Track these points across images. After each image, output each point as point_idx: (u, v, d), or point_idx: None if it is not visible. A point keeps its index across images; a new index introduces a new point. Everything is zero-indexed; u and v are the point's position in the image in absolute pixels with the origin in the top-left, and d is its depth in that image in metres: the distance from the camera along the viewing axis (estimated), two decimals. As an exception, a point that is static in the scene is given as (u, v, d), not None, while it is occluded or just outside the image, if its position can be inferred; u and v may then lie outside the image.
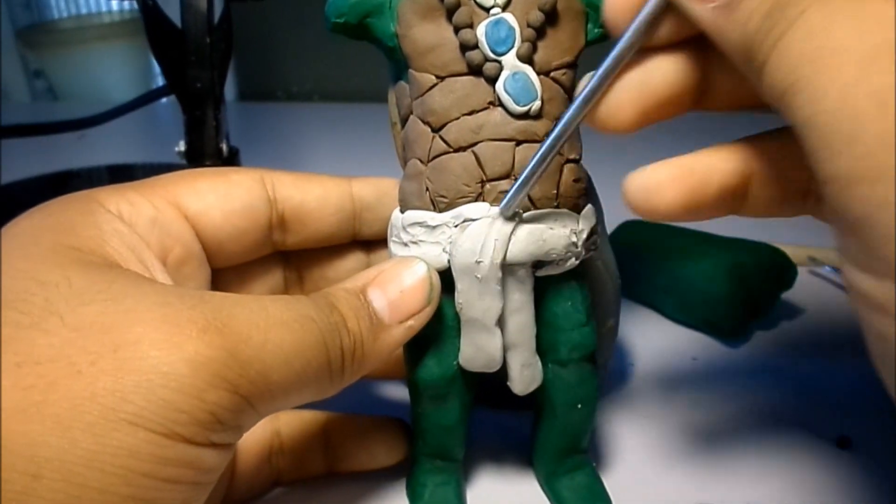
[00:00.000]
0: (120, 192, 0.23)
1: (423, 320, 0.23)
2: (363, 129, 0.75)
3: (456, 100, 0.23)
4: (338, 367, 0.21)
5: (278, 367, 0.19)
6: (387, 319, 0.23)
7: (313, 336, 0.21)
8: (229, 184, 0.25)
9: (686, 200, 0.22)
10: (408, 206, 0.25)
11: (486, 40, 0.23)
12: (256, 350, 0.19)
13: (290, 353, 0.20)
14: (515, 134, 0.23)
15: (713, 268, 0.39)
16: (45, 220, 0.21)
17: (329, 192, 0.27)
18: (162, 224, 0.23)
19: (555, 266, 0.24)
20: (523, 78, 0.23)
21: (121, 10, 0.95)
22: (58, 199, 0.23)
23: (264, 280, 0.28)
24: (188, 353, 0.18)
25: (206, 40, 0.35)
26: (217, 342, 0.18)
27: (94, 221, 0.21)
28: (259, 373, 0.19)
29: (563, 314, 0.25)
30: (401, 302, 0.23)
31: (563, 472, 0.28)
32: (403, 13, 0.24)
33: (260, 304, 0.20)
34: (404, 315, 0.23)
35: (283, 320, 0.20)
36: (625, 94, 0.21)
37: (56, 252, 0.19)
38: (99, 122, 0.53)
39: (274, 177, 0.26)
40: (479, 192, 0.23)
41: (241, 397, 0.19)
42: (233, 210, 0.25)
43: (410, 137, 0.25)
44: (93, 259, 0.20)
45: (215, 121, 0.36)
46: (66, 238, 0.20)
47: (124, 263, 0.21)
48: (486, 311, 0.24)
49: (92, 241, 0.20)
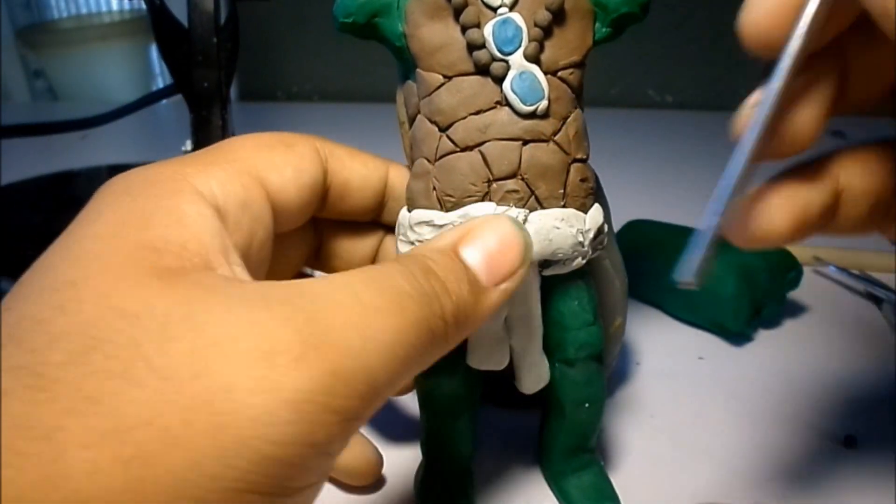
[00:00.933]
0: (208, 169, 0.22)
1: (517, 282, 0.22)
2: (363, 129, 0.75)
3: (463, 99, 0.23)
4: (441, 338, 0.20)
5: (384, 365, 0.18)
6: (484, 280, 0.21)
7: (413, 315, 0.19)
8: (299, 157, 0.24)
9: (793, 225, 0.22)
10: (415, 205, 0.25)
11: (494, 40, 0.23)
12: (359, 358, 0.17)
13: (393, 344, 0.18)
14: (522, 133, 0.23)
15: (719, 267, 0.38)
16: (127, 210, 0.19)
17: (371, 174, 0.26)
18: (250, 207, 0.22)
19: (561, 265, 0.24)
20: (530, 77, 0.23)
21: (121, 10, 0.95)
22: (146, 171, 0.21)
23: (299, 245, 0.27)
24: (288, 392, 0.16)
25: (213, 40, 0.35)
26: (317, 367, 0.16)
27: (179, 205, 0.20)
28: (366, 383, 0.17)
29: (570, 313, 0.25)
30: (497, 261, 0.21)
31: (570, 471, 0.28)
32: (411, 13, 0.24)
33: (352, 294, 0.18)
34: (501, 276, 0.21)
35: (378, 307, 0.18)
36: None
37: (135, 262, 0.18)
38: (101, 122, 0.52)
39: (327, 148, 0.25)
40: (485, 191, 0.23)
41: (350, 420, 0.17)
42: (304, 185, 0.24)
43: (418, 136, 0.25)
44: (170, 262, 0.18)
45: (222, 120, 0.36)
46: (145, 234, 0.18)
47: (206, 255, 0.19)
48: (493, 310, 0.24)
49: (171, 230, 0.19)
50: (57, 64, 0.94)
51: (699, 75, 0.87)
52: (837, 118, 0.21)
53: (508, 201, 0.23)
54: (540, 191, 0.24)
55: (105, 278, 0.17)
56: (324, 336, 0.17)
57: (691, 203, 0.59)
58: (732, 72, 0.86)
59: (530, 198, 0.24)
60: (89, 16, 0.97)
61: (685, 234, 0.45)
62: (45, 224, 0.47)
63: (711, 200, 0.20)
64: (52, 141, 0.56)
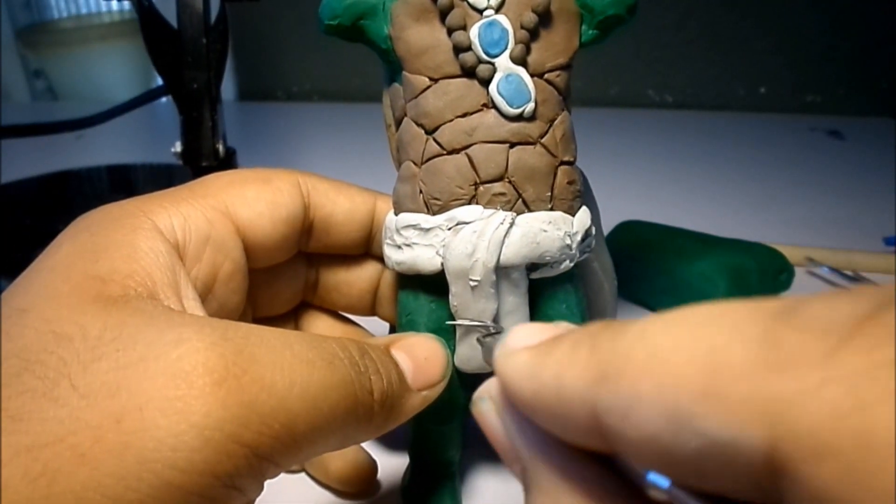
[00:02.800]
0: (174, 204, 0.22)
1: (436, 393, 0.23)
2: (363, 129, 0.75)
3: (449, 102, 0.23)
4: (366, 413, 0.20)
5: (305, 412, 0.18)
6: (410, 381, 0.22)
7: (342, 376, 0.19)
8: (274, 191, 0.25)
9: None
10: (401, 208, 0.24)
11: (480, 42, 0.23)
12: (280, 398, 0.17)
13: (316, 395, 0.18)
14: (509, 136, 0.23)
15: (710, 268, 0.39)
16: (84, 243, 0.20)
17: (356, 208, 0.27)
18: (215, 240, 0.23)
19: (549, 268, 0.24)
20: (517, 80, 0.23)
21: (121, 10, 0.95)
22: (112, 208, 0.22)
23: (292, 279, 0.28)
24: (198, 417, 0.16)
25: (203, 41, 0.35)
26: (234, 396, 0.16)
27: (133, 240, 0.20)
28: (283, 425, 0.17)
29: (558, 317, 0.25)
30: (423, 370, 0.22)
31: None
32: (397, 15, 0.24)
33: (284, 341, 0.18)
34: (424, 383, 0.22)
35: (308, 358, 0.18)
36: None
37: (79, 290, 0.18)
38: (97, 121, 0.52)
39: (309, 183, 0.26)
40: (472, 194, 0.23)
41: (261, 458, 0.17)
42: (280, 218, 0.24)
43: (404, 139, 0.25)
44: (114, 290, 0.18)
45: (212, 122, 0.36)
46: (95, 265, 0.19)
47: (153, 287, 0.19)
48: (480, 313, 0.24)
49: (119, 262, 0.19)
50: (57, 64, 0.95)
51: (699, 75, 0.87)
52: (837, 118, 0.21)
53: (495, 204, 0.23)
54: (527, 194, 0.24)
55: (50, 305, 0.18)
56: (248, 367, 0.17)
57: (688, 203, 0.60)
58: (732, 72, 0.86)
59: (517, 201, 0.24)
60: (89, 16, 0.97)
61: (678, 234, 0.45)
62: (43, 224, 0.47)
63: None
64: (50, 141, 0.56)
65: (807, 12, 0.82)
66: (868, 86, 0.84)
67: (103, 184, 0.58)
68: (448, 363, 0.23)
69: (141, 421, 0.15)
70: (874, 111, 0.84)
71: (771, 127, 0.80)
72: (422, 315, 0.25)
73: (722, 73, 0.86)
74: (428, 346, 0.23)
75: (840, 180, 0.65)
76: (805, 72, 0.85)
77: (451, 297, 0.24)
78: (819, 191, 0.63)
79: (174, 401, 0.16)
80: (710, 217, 0.52)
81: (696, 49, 0.85)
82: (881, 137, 0.75)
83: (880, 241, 0.51)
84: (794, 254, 0.44)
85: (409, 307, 0.25)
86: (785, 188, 0.63)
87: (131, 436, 0.15)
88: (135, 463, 0.15)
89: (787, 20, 0.83)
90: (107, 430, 0.15)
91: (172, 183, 0.58)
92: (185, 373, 0.16)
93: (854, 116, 0.82)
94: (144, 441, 0.15)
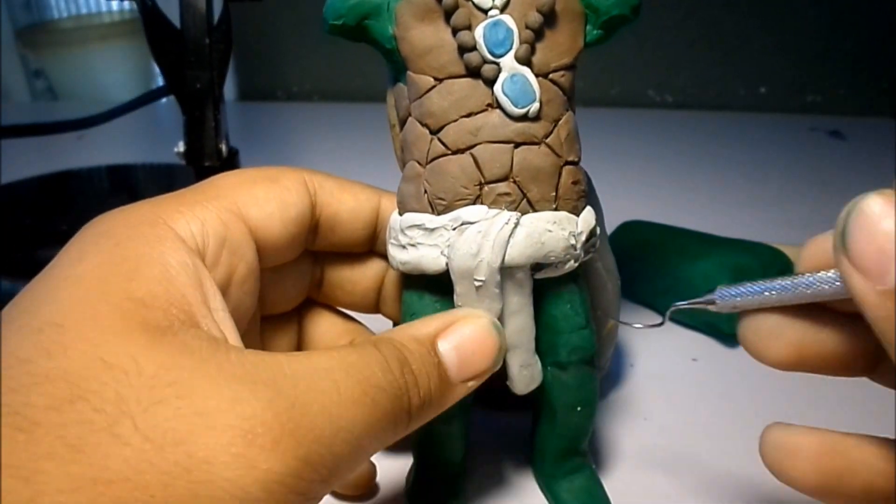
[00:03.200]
0: (189, 208, 0.22)
1: (482, 380, 0.23)
2: (363, 129, 0.75)
3: (454, 102, 0.23)
4: (401, 427, 0.21)
5: (349, 453, 0.19)
6: (454, 377, 0.22)
7: (383, 409, 0.20)
8: (283, 190, 0.25)
9: (822, 482, 0.20)
10: (406, 208, 0.24)
11: (485, 42, 0.23)
12: (329, 446, 0.18)
13: (360, 437, 0.19)
14: (514, 136, 0.23)
15: (713, 268, 0.39)
16: (112, 255, 0.20)
17: (361, 205, 0.27)
18: (231, 243, 0.23)
19: (553, 269, 0.24)
20: (522, 80, 0.23)
21: (121, 10, 0.94)
22: (126, 212, 0.22)
23: (298, 277, 0.28)
24: (261, 472, 0.17)
25: (206, 41, 0.35)
26: (291, 453, 0.17)
27: (161, 254, 0.20)
28: (330, 469, 0.19)
29: (563, 317, 0.25)
30: (469, 361, 0.23)
31: (562, 474, 0.28)
32: (401, 15, 0.24)
33: (332, 383, 0.19)
34: (469, 375, 0.23)
35: (353, 398, 0.19)
36: (784, 341, 0.20)
37: (122, 313, 0.18)
38: (98, 122, 0.52)
39: (315, 181, 0.26)
40: (477, 194, 0.23)
41: (311, 500, 0.18)
42: (289, 218, 0.25)
43: (409, 139, 0.24)
44: (158, 318, 0.19)
45: (215, 121, 0.36)
46: (131, 286, 0.19)
47: (190, 312, 0.20)
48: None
49: (157, 285, 0.19)
50: (57, 64, 0.95)
51: (699, 75, 0.87)
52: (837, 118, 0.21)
53: (500, 204, 0.23)
54: (532, 193, 0.24)
55: (92, 326, 0.18)
56: (300, 420, 0.18)
57: (690, 203, 0.60)
58: (732, 72, 0.86)
59: (522, 201, 0.24)
60: (89, 16, 0.97)
61: (680, 235, 0.45)
62: (44, 224, 0.47)
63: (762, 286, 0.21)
64: (50, 141, 0.56)
65: (807, 12, 0.82)
66: (868, 86, 0.84)
67: (104, 184, 0.57)
68: (500, 349, 0.23)
69: (209, 473, 0.16)
70: (874, 111, 0.84)
71: (772, 127, 0.80)
72: (426, 315, 0.25)
73: (722, 73, 0.86)
74: (479, 338, 0.23)
75: (841, 180, 0.65)
76: (805, 72, 0.85)
77: (455, 296, 0.24)
78: (821, 190, 0.63)
79: (239, 457, 0.17)
80: (711, 217, 0.52)
81: (696, 49, 0.85)
82: (882, 137, 0.75)
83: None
84: (796, 254, 0.44)
85: (414, 307, 0.25)
86: (786, 188, 0.64)
87: (200, 486, 0.16)
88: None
89: (788, 20, 0.83)
90: (177, 477, 0.16)
91: (174, 183, 0.58)
92: (246, 431, 0.17)
93: (854, 116, 0.82)
94: (213, 491, 0.16)
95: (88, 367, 0.17)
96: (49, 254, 0.21)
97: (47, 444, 0.16)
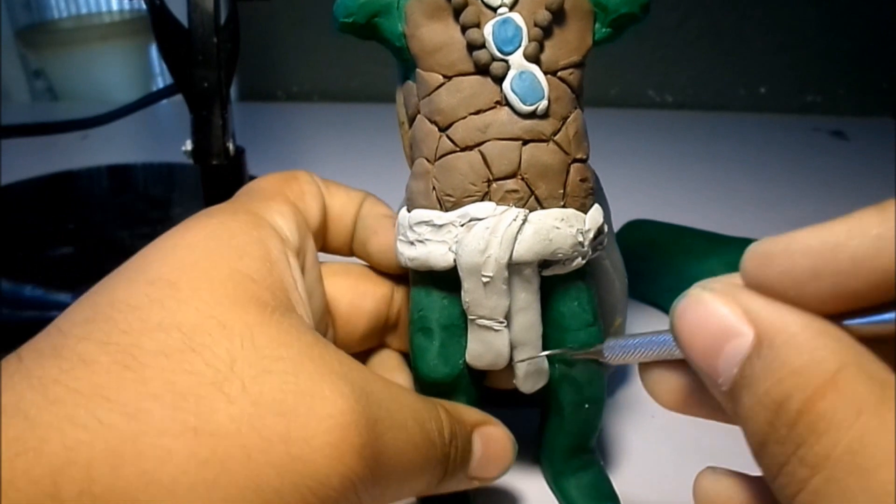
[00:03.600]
0: (266, 203, 0.24)
1: (483, 484, 0.25)
2: (363, 129, 0.75)
3: (463, 99, 0.23)
4: (431, 487, 0.23)
5: (394, 485, 0.20)
6: (471, 469, 0.24)
7: (429, 457, 0.21)
8: (308, 184, 0.26)
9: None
10: (415, 204, 0.25)
11: (493, 39, 0.23)
12: (387, 472, 0.20)
13: (408, 474, 0.21)
14: (522, 133, 0.23)
15: (719, 267, 0.39)
16: (218, 231, 0.21)
17: (351, 202, 0.27)
18: (300, 229, 0.24)
19: (561, 265, 0.24)
20: (530, 77, 0.23)
21: (121, 10, 0.94)
22: (220, 206, 0.23)
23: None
24: (345, 468, 0.18)
25: (213, 40, 0.35)
26: (367, 461, 0.19)
27: (262, 238, 0.22)
28: (381, 491, 0.20)
29: (570, 314, 0.25)
30: (485, 466, 0.24)
31: (570, 471, 0.28)
32: (411, 13, 0.24)
33: (403, 418, 0.21)
34: (479, 475, 0.24)
35: (415, 442, 0.21)
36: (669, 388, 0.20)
37: (234, 283, 0.19)
38: (101, 122, 0.52)
39: (316, 179, 0.27)
40: (485, 191, 0.23)
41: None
42: (321, 208, 0.26)
43: (418, 136, 0.25)
44: (266, 296, 0.20)
45: (222, 120, 0.36)
46: (241, 262, 0.20)
47: (288, 297, 0.21)
48: (492, 309, 0.24)
49: (263, 265, 0.21)
50: (57, 64, 0.94)
51: (699, 75, 0.87)
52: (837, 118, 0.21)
53: (508, 201, 0.23)
54: (540, 191, 0.24)
55: (207, 287, 0.19)
56: (379, 440, 0.19)
57: (690, 203, 0.60)
58: (732, 72, 0.86)
59: (530, 198, 0.24)
60: (89, 16, 0.97)
61: (685, 234, 0.45)
62: (47, 224, 0.47)
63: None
64: (52, 141, 0.56)
65: (807, 12, 0.82)
66: (869, 86, 0.84)
67: (106, 184, 0.57)
68: (510, 465, 0.25)
69: (305, 451, 0.17)
70: (875, 111, 0.84)
71: (773, 127, 0.81)
72: (434, 311, 0.25)
73: (722, 73, 0.86)
74: (503, 447, 0.25)
75: (843, 180, 0.65)
76: (805, 72, 0.85)
77: (463, 293, 0.24)
78: (823, 190, 0.63)
79: (332, 446, 0.18)
80: (712, 217, 0.53)
81: (696, 49, 0.85)
82: (882, 138, 0.76)
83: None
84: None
85: (422, 303, 0.25)
86: (788, 188, 0.64)
87: (296, 461, 0.17)
88: (292, 482, 0.17)
89: (788, 20, 0.83)
90: (276, 444, 0.17)
91: (176, 183, 0.57)
92: (343, 426, 0.18)
93: (854, 116, 0.83)
94: (305, 468, 0.17)
95: (203, 323, 0.18)
96: (52, 254, 0.22)
97: (155, 386, 0.16)
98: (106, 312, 0.18)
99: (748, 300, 0.15)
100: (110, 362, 0.16)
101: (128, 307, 0.18)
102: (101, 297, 0.19)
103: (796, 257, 0.14)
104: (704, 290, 0.16)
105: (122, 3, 0.80)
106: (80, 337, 0.17)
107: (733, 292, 0.16)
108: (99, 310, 0.18)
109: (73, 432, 0.15)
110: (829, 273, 0.14)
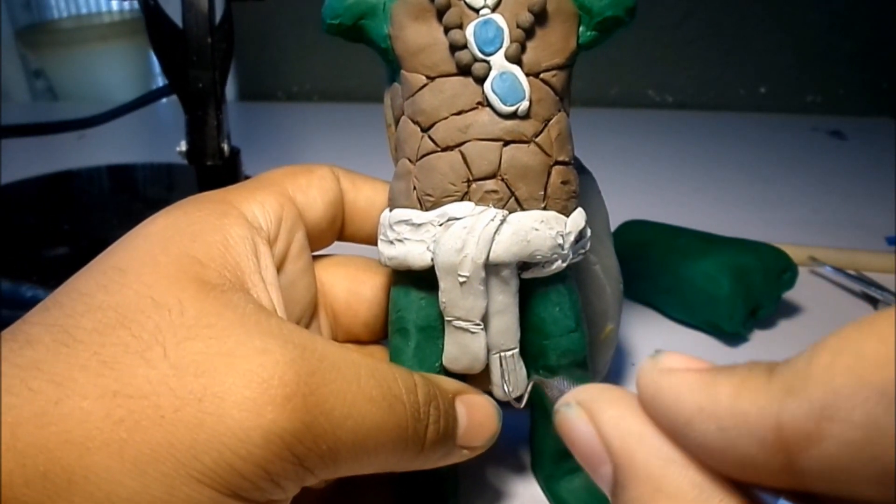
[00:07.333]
0: (250, 193, 0.24)
1: (474, 454, 0.24)
2: (363, 129, 0.75)
3: (445, 100, 0.23)
4: (412, 452, 0.21)
5: (350, 444, 0.19)
6: (459, 437, 0.23)
7: (397, 418, 0.21)
8: (320, 178, 0.27)
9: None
10: (396, 204, 0.25)
11: (475, 40, 0.23)
12: (334, 425, 0.19)
13: (367, 433, 0.20)
14: (503, 134, 0.23)
15: (714, 268, 0.38)
16: (179, 220, 0.22)
17: (379, 196, 0.27)
18: (286, 221, 0.25)
19: (540, 268, 0.24)
20: (511, 78, 0.23)
21: (121, 10, 0.95)
22: (196, 197, 0.24)
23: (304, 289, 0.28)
24: (265, 421, 0.18)
25: (208, 40, 0.35)
26: (298, 414, 0.18)
27: (223, 225, 0.22)
28: (330, 448, 0.19)
29: (551, 320, 0.25)
30: (474, 432, 0.24)
31: (561, 474, 0.28)
32: (396, 14, 0.24)
33: (354, 373, 0.20)
34: (468, 444, 0.24)
35: (371, 396, 0.20)
36: None
37: (179, 265, 0.20)
38: (99, 122, 0.52)
39: (338, 172, 0.27)
40: (465, 191, 0.23)
41: (305, 469, 0.19)
42: (328, 201, 0.26)
43: (401, 137, 0.25)
44: (211, 276, 0.20)
45: (217, 121, 0.36)
46: (192, 246, 0.21)
47: (242, 277, 0.21)
48: (469, 310, 0.24)
49: (215, 249, 0.21)
50: (57, 64, 0.95)
51: (699, 75, 0.87)
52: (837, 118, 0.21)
53: (487, 202, 0.23)
54: (520, 192, 0.23)
55: (150, 272, 0.20)
56: (315, 389, 0.19)
57: (690, 203, 0.60)
58: (732, 72, 0.86)
59: (510, 199, 0.23)
60: (89, 16, 0.97)
61: (681, 234, 0.45)
62: (45, 223, 0.47)
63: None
64: (51, 141, 0.56)
65: (807, 12, 0.82)
66: (868, 86, 0.84)
67: (105, 184, 0.58)
68: (497, 432, 0.24)
69: (219, 407, 0.18)
70: (874, 111, 0.83)
71: (773, 127, 0.80)
72: (411, 312, 0.25)
73: (722, 73, 0.86)
74: (487, 413, 0.24)
75: (842, 180, 0.65)
76: (805, 72, 0.85)
77: (440, 293, 0.24)
78: (822, 191, 0.63)
79: (249, 400, 0.18)
80: (712, 217, 0.52)
81: (696, 49, 0.85)
82: (882, 138, 0.75)
83: (882, 240, 0.51)
84: (798, 253, 0.44)
85: (400, 304, 0.25)
86: (788, 188, 0.63)
87: (208, 416, 0.17)
88: (205, 439, 0.17)
89: (788, 20, 0.83)
90: (188, 403, 0.17)
91: (174, 183, 0.57)
92: (263, 379, 0.18)
93: (854, 116, 0.82)
94: (218, 425, 0.17)
95: (138, 302, 0.19)
96: (50, 254, 0.22)
97: (84, 358, 0.18)
98: (59, 300, 0.19)
99: (610, 425, 0.16)
100: (51, 341, 0.18)
101: (78, 294, 0.19)
102: (62, 288, 0.20)
103: (679, 403, 0.14)
104: (570, 409, 0.17)
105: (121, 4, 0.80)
106: (33, 322, 0.19)
107: (600, 411, 0.16)
108: (56, 298, 0.20)
109: (7, 399, 0.17)
110: (701, 430, 0.14)
